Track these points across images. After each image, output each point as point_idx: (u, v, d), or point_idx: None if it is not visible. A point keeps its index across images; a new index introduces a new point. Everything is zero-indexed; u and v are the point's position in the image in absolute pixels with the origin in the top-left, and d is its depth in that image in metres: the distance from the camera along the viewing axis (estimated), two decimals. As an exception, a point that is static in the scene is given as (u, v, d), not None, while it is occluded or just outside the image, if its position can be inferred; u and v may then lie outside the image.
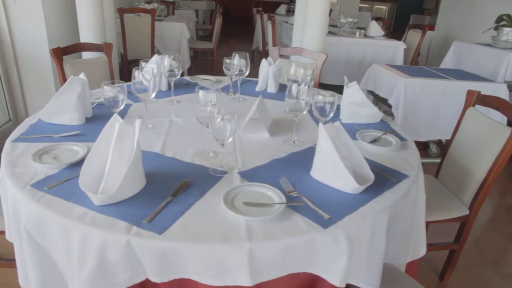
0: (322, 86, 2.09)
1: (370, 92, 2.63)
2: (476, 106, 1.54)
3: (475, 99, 1.54)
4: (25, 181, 0.89)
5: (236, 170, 0.98)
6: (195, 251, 0.73)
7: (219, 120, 0.92)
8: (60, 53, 1.81)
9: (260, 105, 1.24)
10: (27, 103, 2.40)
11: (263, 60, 1.70)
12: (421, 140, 2.51)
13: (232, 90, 1.65)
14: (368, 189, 0.93)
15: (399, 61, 3.39)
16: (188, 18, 4.32)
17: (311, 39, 2.57)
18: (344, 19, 3.70)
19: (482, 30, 3.60)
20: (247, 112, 1.25)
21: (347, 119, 1.40)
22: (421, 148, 2.49)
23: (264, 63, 1.68)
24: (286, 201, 0.84)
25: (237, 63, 1.50)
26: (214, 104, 1.07)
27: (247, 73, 1.53)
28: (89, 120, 1.28)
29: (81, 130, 1.19)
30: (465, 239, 1.52)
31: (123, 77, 3.38)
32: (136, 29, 3.33)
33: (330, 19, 3.86)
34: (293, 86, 1.10)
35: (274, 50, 2.18)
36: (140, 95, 1.20)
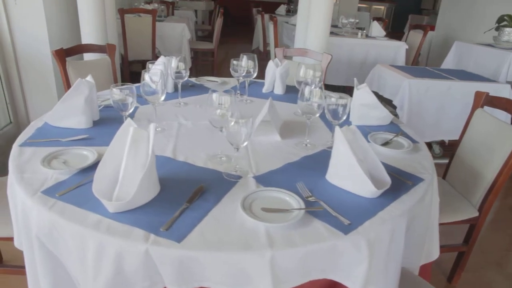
0: (325, 87, 2.07)
1: (374, 93, 2.62)
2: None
3: (484, 100, 1.53)
4: (35, 188, 0.87)
5: (251, 175, 0.97)
6: (215, 260, 0.71)
7: (234, 124, 0.91)
8: (63, 55, 1.78)
9: (271, 108, 1.22)
10: (28, 105, 2.37)
11: (270, 62, 1.68)
12: (425, 141, 2.50)
13: (239, 92, 1.63)
14: (385, 193, 0.91)
15: (401, 62, 3.40)
16: (188, 19, 4.29)
17: (314, 40, 2.55)
18: (346, 20, 3.69)
19: (482, 30, 3.61)
20: (256, 114, 1.23)
21: (357, 121, 1.39)
22: (425, 149, 2.49)
23: (271, 65, 1.67)
24: (305, 207, 0.83)
25: (245, 65, 1.48)
26: (225, 107, 1.05)
27: (255, 75, 1.52)
28: (97, 123, 1.26)
29: (89, 134, 1.17)
30: (474, 241, 1.52)
31: (124, 78, 3.35)
32: (137, 30, 3.30)
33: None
34: (306, 89, 1.09)
35: (279, 51, 2.16)
36: (149, 98, 1.18)
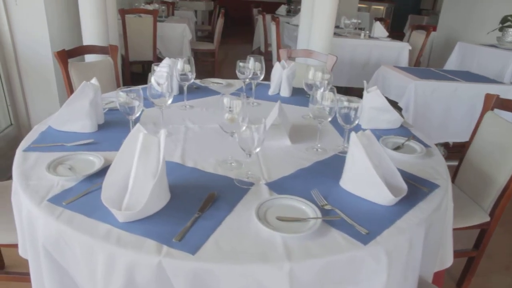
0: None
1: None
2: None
3: (494, 103, 1.51)
4: (42, 195, 0.84)
5: (263, 181, 0.94)
6: (231, 272, 0.68)
7: (246, 129, 0.88)
8: (65, 56, 1.75)
9: (280, 111, 1.20)
10: (29, 107, 2.33)
11: (277, 63, 1.65)
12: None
13: (245, 94, 1.60)
14: (401, 201, 0.89)
15: (404, 62, 3.38)
16: (189, 19, 4.26)
17: (318, 41, 2.53)
18: (348, 20, 3.67)
19: (485, 31, 3.60)
20: (265, 118, 1.20)
21: (367, 125, 1.36)
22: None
23: (278, 66, 1.64)
24: (321, 216, 0.80)
25: (252, 66, 1.45)
26: (231, 110, 1.02)
27: (262, 77, 1.49)
28: (101, 127, 1.23)
29: (94, 138, 1.14)
30: (485, 246, 1.50)
31: (125, 79, 3.31)
32: (137, 30, 3.26)
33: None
34: (318, 92, 1.06)
35: (283, 53, 2.14)
36: (156, 101, 1.15)
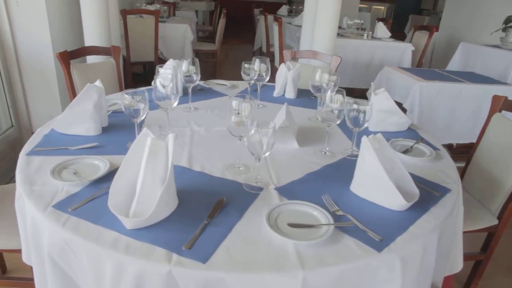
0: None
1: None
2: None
3: (502, 105, 1.49)
4: (46, 201, 0.82)
5: (272, 186, 0.92)
6: (243, 281, 0.66)
7: (255, 133, 0.86)
8: (67, 57, 1.73)
9: (288, 113, 1.18)
10: (30, 109, 2.31)
11: (282, 65, 1.64)
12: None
13: (251, 96, 1.58)
14: (413, 205, 0.87)
15: (407, 63, 3.36)
16: (190, 19, 4.24)
17: (322, 41, 2.51)
18: (351, 21, 3.65)
19: (488, 31, 3.59)
20: (270, 120, 1.18)
21: (374, 127, 1.35)
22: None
23: (283, 68, 1.62)
24: (334, 222, 0.78)
25: (258, 68, 1.43)
26: (239, 113, 1.00)
27: (268, 79, 1.47)
28: (105, 130, 1.21)
29: (98, 141, 1.12)
30: (493, 250, 1.48)
31: (126, 80, 3.29)
32: (139, 31, 3.24)
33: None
34: (327, 95, 1.04)
35: (287, 53, 2.12)
36: (161, 103, 1.13)
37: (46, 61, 2.24)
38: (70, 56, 1.75)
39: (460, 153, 1.36)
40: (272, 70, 1.68)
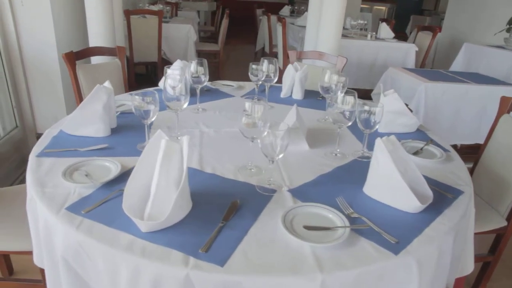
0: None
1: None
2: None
3: (510, 106, 1.49)
4: (59, 204, 0.81)
5: (285, 188, 0.92)
6: (262, 285, 0.66)
7: (269, 135, 0.85)
8: (73, 58, 1.72)
9: (298, 115, 1.17)
10: (34, 109, 2.30)
11: (290, 66, 1.63)
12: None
13: (257, 97, 1.58)
14: (427, 208, 0.87)
15: (411, 64, 3.36)
16: (192, 19, 4.23)
17: (327, 42, 2.51)
18: (355, 21, 3.65)
19: (491, 32, 3.59)
20: (280, 121, 1.18)
21: (383, 129, 1.34)
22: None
23: (291, 69, 1.62)
24: (350, 224, 0.78)
25: (266, 69, 1.43)
26: (249, 114, 1.00)
27: (276, 80, 1.47)
28: (114, 131, 1.20)
29: (108, 143, 1.11)
30: (501, 252, 1.47)
31: (129, 81, 3.27)
32: (142, 31, 3.23)
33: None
34: (339, 96, 1.04)
35: (292, 54, 2.11)
36: (171, 105, 1.12)
37: (51, 62, 2.23)
38: (76, 57, 1.74)
39: (465, 154, 1.36)
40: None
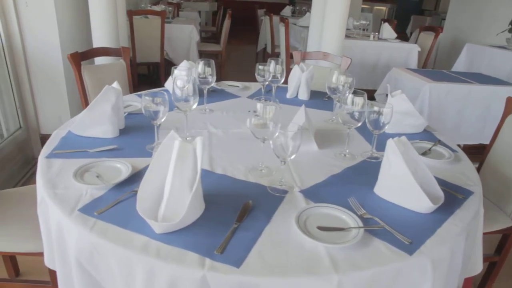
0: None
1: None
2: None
3: (517, 106, 1.49)
4: (71, 205, 0.81)
5: (297, 189, 0.92)
6: (278, 286, 0.66)
7: (281, 136, 0.85)
8: (79, 59, 1.72)
9: (307, 116, 1.17)
10: (38, 110, 2.30)
11: (296, 66, 1.63)
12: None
13: (264, 98, 1.58)
14: (438, 208, 0.87)
15: (413, 64, 3.36)
16: (194, 20, 4.23)
17: (330, 42, 2.51)
18: (357, 21, 3.66)
19: (492, 32, 3.59)
20: (287, 122, 1.18)
21: (390, 129, 1.34)
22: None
23: (297, 69, 1.62)
24: (363, 225, 0.78)
25: (273, 70, 1.43)
26: (258, 115, 1.00)
27: (282, 80, 1.47)
28: (123, 132, 1.20)
29: (116, 144, 1.11)
30: (508, 252, 1.48)
31: (132, 82, 3.27)
32: (145, 32, 3.23)
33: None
34: (349, 97, 1.04)
35: (297, 55, 2.12)
36: (181, 105, 1.12)
37: (55, 62, 2.23)
38: (81, 58, 1.74)
39: (469, 154, 1.36)
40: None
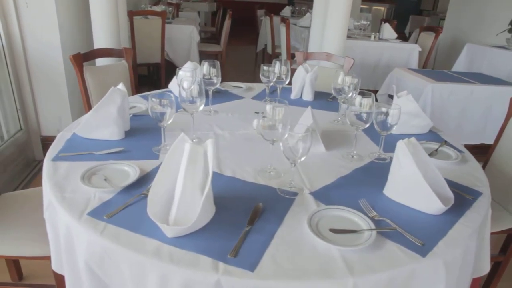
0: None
1: (392, 97, 2.59)
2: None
3: (521, 106, 1.49)
4: (80, 209, 0.80)
5: (307, 191, 0.91)
6: (293, 290, 0.65)
7: (292, 138, 0.85)
8: (81, 60, 1.71)
9: (313, 117, 1.17)
10: (39, 112, 2.28)
11: (300, 67, 1.63)
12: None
13: (269, 99, 1.57)
14: (448, 209, 0.87)
15: (414, 64, 3.37)
16: (194, 20, 4.22)
17: (332, 43, 2.51)
18: (358, 22, 3.66)
19: (492, 33, 3.61)
20: (293, 123, 1.17)
21: (396, 130, 1.33)
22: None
23: (301, 70, 1.61)
24: (375, 227, 0.77)
25: (278, 71, 1.42)
26: (265, 116, 0.99)
27: (288, 81, 1.46)
28: (128, 134, 1.19)
29: (122, 146, 1.10)
30: (513, 251, 1.48)
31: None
32: (145, 32, 3.21)
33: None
34: (357, 98, 1.04)
35: (300, 55, 2.11)
36: (187, 106, 1.11)
37: (55, 64, 2.22)
38: (83, 59, 1.73)
39: (472, 154, 1.37)
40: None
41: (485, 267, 1.13)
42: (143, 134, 1.20)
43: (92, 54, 1.83)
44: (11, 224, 1.16)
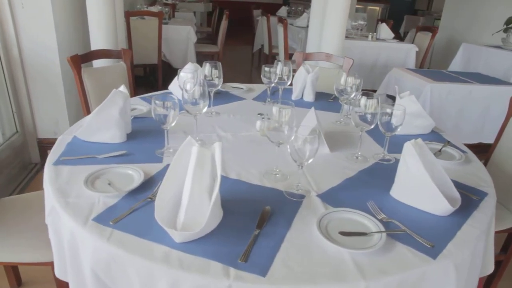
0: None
1: (391, 97, 2.60)
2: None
3: (520, 106, 1.51)
4: (85, 215, 0.79)
5: (314, 193, 0.90)
6: (305, 294, 0.64)
7: (298, 140, 0.84)
8: (79, 61, 1.68)
9: (317, 118, 1.16)
10: (35, 114, 2.24)
11: (301, 68, 1.62)
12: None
13: (270, 100, 1.56)
14: (455, 210, 0.87)
15: (411, 64, 3.39)
16: (190, 21, 4.20)
17: (330, 43, 2.51)
18: (355, 22, 3.67)
19: (487, 32, 3.64)
20: (296, 124, 1.16)
21: (399, 131, 1.34)
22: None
23: (302, 71, 1.61)
24: (384, 229, 0.77)
25: (280, 71, 1.42)
26: (269, 118, 0.98)
27: (289, 82, 1.45)
28: (130, 137, 1.17)
29: (125, 149, 1.08)
30: (514, 250, 1.49)
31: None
32: (142, 33, 3.18)
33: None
34: (362, 100, 1.03)
35: (299, 56, 2.11)
36: (190, 108, 1.10)
37: (52, 65, 2.18)
38: (81, 60, 1.70)
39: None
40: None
41: (490, 267, 1.14)
42: (145, 137, 1.18)
43: (90, 56, 1.81)
44: (11, 230, 1.14)
